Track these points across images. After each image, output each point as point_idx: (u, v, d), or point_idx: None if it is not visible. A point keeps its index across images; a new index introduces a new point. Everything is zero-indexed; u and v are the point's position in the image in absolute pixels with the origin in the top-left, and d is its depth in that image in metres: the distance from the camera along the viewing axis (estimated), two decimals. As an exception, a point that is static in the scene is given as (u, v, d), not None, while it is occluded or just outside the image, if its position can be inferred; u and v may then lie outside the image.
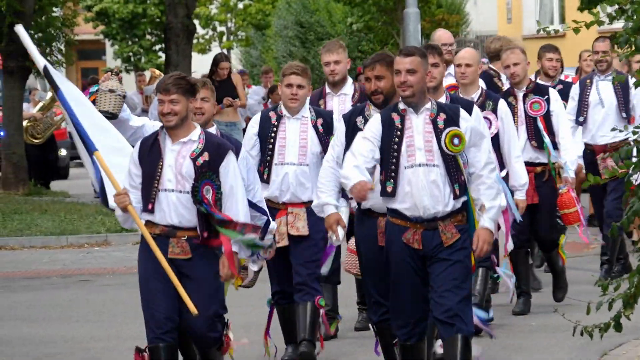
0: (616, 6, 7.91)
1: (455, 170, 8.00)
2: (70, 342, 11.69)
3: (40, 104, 30.98)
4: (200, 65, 31.00)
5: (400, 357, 8.71)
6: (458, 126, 8.04)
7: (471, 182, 8.15)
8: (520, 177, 10.96)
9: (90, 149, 8.59)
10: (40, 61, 9.18)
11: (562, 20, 32.42)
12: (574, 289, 13.25)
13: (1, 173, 29.76)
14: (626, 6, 7.93)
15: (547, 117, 11.72)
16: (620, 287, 7.74)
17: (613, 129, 13.30)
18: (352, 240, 9.57)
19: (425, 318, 8.35)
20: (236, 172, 8.34)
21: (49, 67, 9.15)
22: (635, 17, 7.99)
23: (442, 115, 8.11)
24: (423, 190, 8.00)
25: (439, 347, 9.00)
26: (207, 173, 8.05)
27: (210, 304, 8.39)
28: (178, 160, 8.20)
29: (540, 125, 11.62)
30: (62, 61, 31.00)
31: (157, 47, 38.27)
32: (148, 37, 39.49)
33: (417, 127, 8.05)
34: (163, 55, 32.54)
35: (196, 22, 33.06)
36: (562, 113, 11.83)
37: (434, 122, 8.08)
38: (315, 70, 29.24)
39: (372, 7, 32.77)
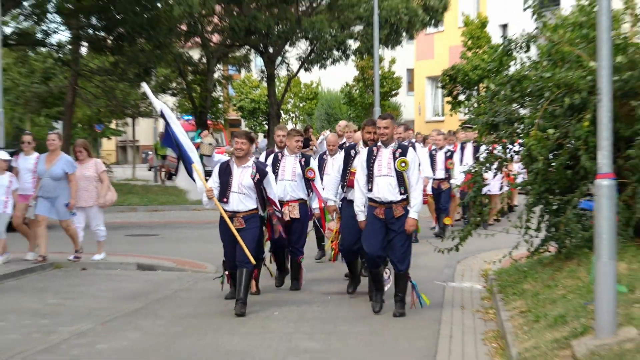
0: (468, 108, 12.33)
1: (401, 180, 10.82)
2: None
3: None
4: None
5: (369, 280, 11.66)
6: (406, 156, 10.82)
7: (410, 189, 10.86)
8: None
9: (190, 162, 11.84)
10: (158, 106, 12.52)
11: (443, 112, 44.76)
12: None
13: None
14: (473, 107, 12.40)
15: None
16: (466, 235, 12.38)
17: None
18: (332, 224, 12.83)
19: (383, 256, 11.07)
20: (269, 180, 11.49)
21: (164, 110, 12.39)
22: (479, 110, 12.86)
23: (399, 150, 10.88)
24: (383, 189, 10.87)
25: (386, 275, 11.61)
26: (258, 186, 11.30)
27: (255, 251, 11.35)
28: (240, 177, 11.30)
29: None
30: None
31: (265, 122, 48.37)
32: (260, 117, 52.10)
33: (385, 155, 10.91)
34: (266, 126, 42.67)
35: (281, 111, 43.88)
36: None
37: (393, 153, 10.86)
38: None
39: (359, 106, 45.98)
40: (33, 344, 9.77)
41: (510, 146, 12.95)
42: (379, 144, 11.00)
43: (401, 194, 10.76)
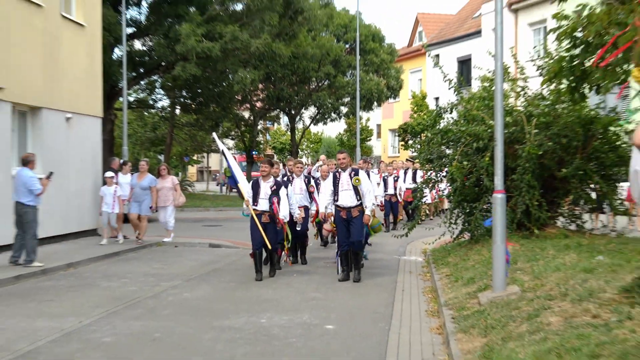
0: (414, 149, 12.77)
1: (356, 192, 10.48)
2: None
3: None
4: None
5: (341, 260, 10.88)
6: (358, 176, 10.51)
7: (363, 197, 10.52)
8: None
9: (237, 182, 11.62)
10: (221, 147, 12.45)
11: (398, 151, 42.54)
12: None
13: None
14: (417, 148, 12.85)
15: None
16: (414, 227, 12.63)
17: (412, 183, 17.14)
18: (327, 225, 11.48)
19: (347, 242, 10.61)
20: (283, 191, 11.04)
21: (224, 150, 12.25)
22: (421, 150, 13.19)
23: (353, 172, 10.54)
24: (345, 198, 10.56)
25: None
26: (275, 193, 10.97)
27: (275, 238, 11.11)
28: (264, 188, 10.97)
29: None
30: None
31: (289, 156, 47.17)
32: (286, 153, 48.13)
33: (345, 177, 10.59)
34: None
35: (299, 150, 43.09)
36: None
37: (350, 174, 10.55)
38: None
39: (347, 147, 42.59)
40: (144, 293, 9.87)
41: (440, 173, 13.00)
42: (340, 170, 10.70)
43: (357, 200, 10.50)
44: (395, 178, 19.01)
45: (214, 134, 12.82)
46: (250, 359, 6.30)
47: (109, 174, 15.43)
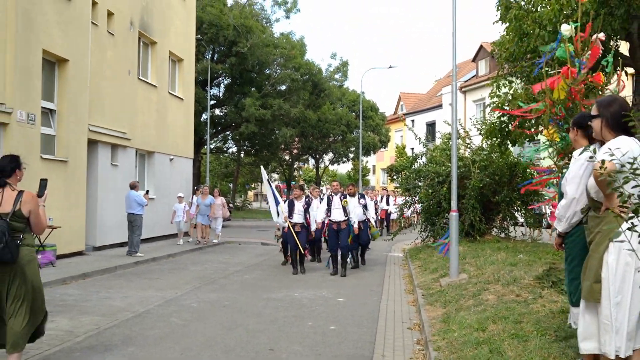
0: (397, 182, 12.62)
1: (344, 210, 9.58)
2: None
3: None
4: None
5: (332, 261, 9.77)
6: (346, 199, 9.65)
7: (350, 213, 9.65)
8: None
9: (278, 203, 10.03)
10: (265, 176, 10.65)
11: (387, 182, 38.70)
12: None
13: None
14: (399, 181, 12.83)
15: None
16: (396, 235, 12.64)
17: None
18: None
19: (337, 248, 9.68)
20: (312, 211, 9.96)
21: (269, 180, 10.75)
22: (402, 183, 13.09)
23: (342, 196, 9.65)
24: (336, 215, 9.62)
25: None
26: (306, 210, 9.92)
27: (304, 243, 9.91)
28: (297, 206, 9.85)
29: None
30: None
31: (312, 184, 43.71)
32: (312, 184, 45.60)
33: (336, 199, 9.68)
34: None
35: (321, 181, 40.91)
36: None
37: (340, 197, 9.66)
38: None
39: (353, 180, 39.12)
40: (218, 275, 9.68)
41: (414, 197, 12.78)
42: (332, 194, 9.77)
43: (344, 216, 9.62)
44: (376, 201, 17.90)
45: (262, 167, 12.51)
46: (288, 320, 6.16)
47: (180, 194, 14.95)
